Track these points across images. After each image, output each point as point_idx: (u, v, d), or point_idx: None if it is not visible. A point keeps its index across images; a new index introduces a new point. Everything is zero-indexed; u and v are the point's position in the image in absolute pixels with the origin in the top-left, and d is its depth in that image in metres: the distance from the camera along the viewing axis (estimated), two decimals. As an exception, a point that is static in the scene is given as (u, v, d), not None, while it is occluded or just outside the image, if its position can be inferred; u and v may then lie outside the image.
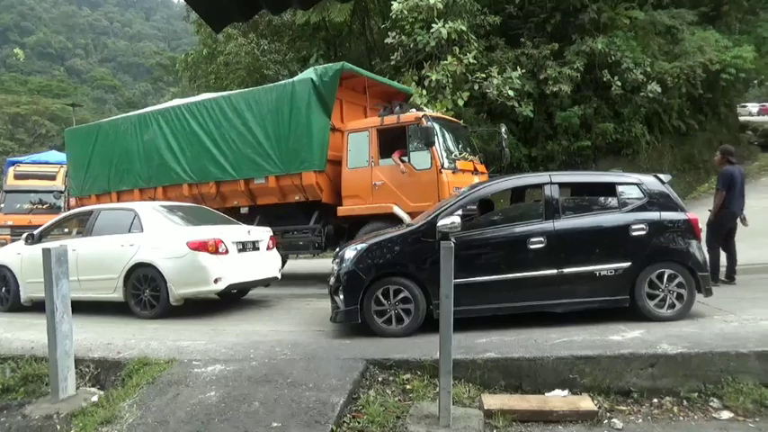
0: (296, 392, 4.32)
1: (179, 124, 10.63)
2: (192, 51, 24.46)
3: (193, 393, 4.45)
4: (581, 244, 5.67)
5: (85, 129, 12.76)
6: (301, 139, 9.21)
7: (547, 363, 4.61)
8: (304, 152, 9.19)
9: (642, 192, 5.83)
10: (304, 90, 9.21)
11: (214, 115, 10.22)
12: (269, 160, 9.55)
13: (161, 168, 10.78)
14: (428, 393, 4.50)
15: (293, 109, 9.30)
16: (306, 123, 9.17)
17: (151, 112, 11.31)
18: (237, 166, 9.91)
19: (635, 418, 4.21)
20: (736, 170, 7.49)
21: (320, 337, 5.97)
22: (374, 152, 9.03)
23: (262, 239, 8.06)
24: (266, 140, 9.58)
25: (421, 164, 8.58)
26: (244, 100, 9.98)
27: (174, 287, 7.17)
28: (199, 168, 10.35)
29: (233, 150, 9.95)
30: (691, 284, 5.53)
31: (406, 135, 8.81)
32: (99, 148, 11.71)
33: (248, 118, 9.80)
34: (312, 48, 20.14)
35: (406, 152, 8.82)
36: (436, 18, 14.95)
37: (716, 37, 17.89)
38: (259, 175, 9.72)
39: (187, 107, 10.70)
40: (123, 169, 11.31)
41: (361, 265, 5.80)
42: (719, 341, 4.64)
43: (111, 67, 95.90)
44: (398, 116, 9.00)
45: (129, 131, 11.31)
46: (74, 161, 12.38)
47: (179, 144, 10.60)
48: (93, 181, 11.77)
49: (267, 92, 9.88)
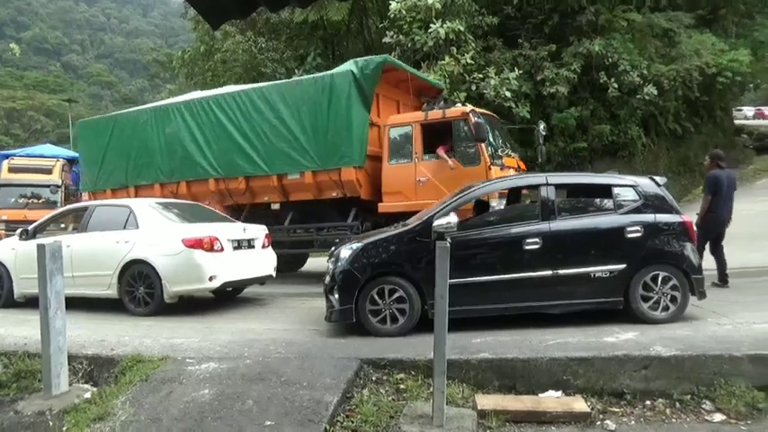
0: (290, 391, 4.31)
1: (205, 117, 10.29)
2: (189, 48, 24.41)
3: (187, 391, 4.43)
4: (576, 245, 5.68)
5: (100, 121, 12.35)
6: (340, 134, 8.98)
7: (541, 364, 4.61)
8: (343, 147, 8.95)
9: (638, 194, 5.85)
10: (344, 83, 8.97)
11: (244, 108, 9.89)
12: (305, 155, 9.28)
13: (185, 162, 10.43)
14: (422, 393, 4.49)
15: (332, 102, 9.05)
16: (345, 117, 8.94)
17: (174, 104, 10.95)
18: (270, 160, 9.61)
19: (628, 419, 4.22)
20: (724, 174, 7.49)
21: (315, 335, 5.97)
22: (418, 147, 8.88)
23: (257, 237, 8.05)
24: (302, 134, 9.31)
25: (468, 160, 8.47)
26: (277, 92, 9.70)
27: (168, 284, 7.15)
28: (227, 163, 10.01)
29: (265, 144, 9.65)
30: (685, 287, 5.54)
31: (451, 130, 8.70)
32: (115, 141, 11.32)
33: (282, 110, 9.50)
34: (310, 46, 20.13)
35: (449, 148, 8.70)
36: (434, 18, 14.97)
37: (712, 40, 17.98)
38: (293, 170, 9.43)
39: (214, 99, 10.36)
40: (142, 163, 10.93)
41: (357, 265, 5.79)
42: (713, 344, 4.65)
43: (108, 63, 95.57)
44: (444, 111, 8.85)
45: (148, 124, 10.93)
46: (87, 154, 11.99)
47: (205, 137, 10.25)
48: (109, 175, 11.39)
49: (303, 84, 9.65)
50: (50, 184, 15.90)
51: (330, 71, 9.81)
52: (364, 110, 9.03)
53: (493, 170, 8.29)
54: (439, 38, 14.78)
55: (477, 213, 6.78)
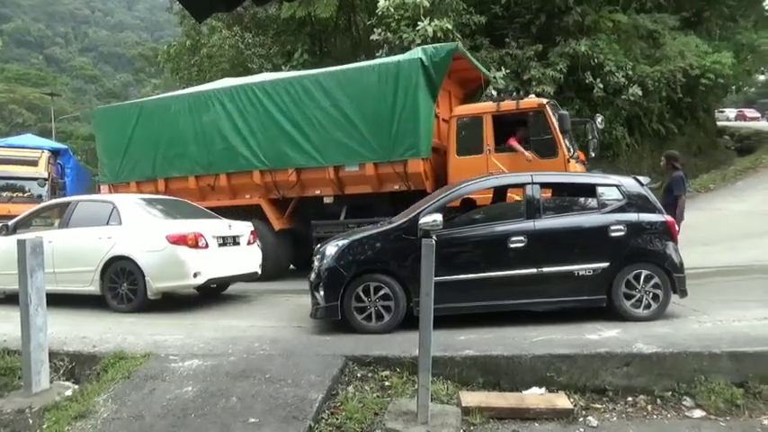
0: (274, 388, 4.31)
1: (249, 104, 9.76)
2: (175, 43, 24.16)
3: (170, 388, 4.41)
4: (561, 244, 5.73)
5: (122, 108, 11.56)
6: (407, 124, 8.64)
7: (525, 361, 4.64)
8: (410, 138, 8.64)
9: (621, 193, 5.90)
10: (412, 70, 8.61)
11: (295, 95, 9.41)
12: (366, 146, 8.91)
13: (225, 153, 9.91)
14: (407, 390, 4.51)
15: (398, 90, 8.67)
16: (412, 107, 8.58)
17: (212, 91, 10.40)
18: (325, 151, 9.20)
19: (609, 416, 4.27)
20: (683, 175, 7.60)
21: (300, 333, 5.96)
22: (490, 139, 8.67)
23: (242, 234, 8.01)
24: (363, 124, 8.92)
25: (544, 152, 8.31)
26: (334, 79, 9.26)
27: (151, 281, 7.09)
28: (275, 153, 9.55)
29: (319, 134, 9.22)
30: (666, 285, 5.61)
31: (526, 122, 8.59)
32: (141, 129, 10.66)
33: (340, 98, 9.08)
34: (297, 42, 20.01)
35: (521, 139, 8.58)
36: (422, 16, 14.96)
37: (696, 42, 18.21)
38: (352, 162, 9.07)
39: (259, 86, 9.87)
40: (174, 154, 10.34)
41: (342, 262, 5.79)
42: (693, 341, 4.71)
43: (92, 56, 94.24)
44: (517, 102, 8.69)
45: (182, 112, 10.32)
46: (106, 144, 11.23)
47: (249, 126, 9.74)
48: (134, 166, 10.75)
49: (365, 71, 9.20)
50: (37, 177, 15.07)
51: (395, 58, 9.46)
52: (431, 99, 8.76)
53: (572, 163, 8.24)
54: (427, 36, 14.76)
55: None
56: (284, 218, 9.99)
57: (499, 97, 9.02)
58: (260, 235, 9.41)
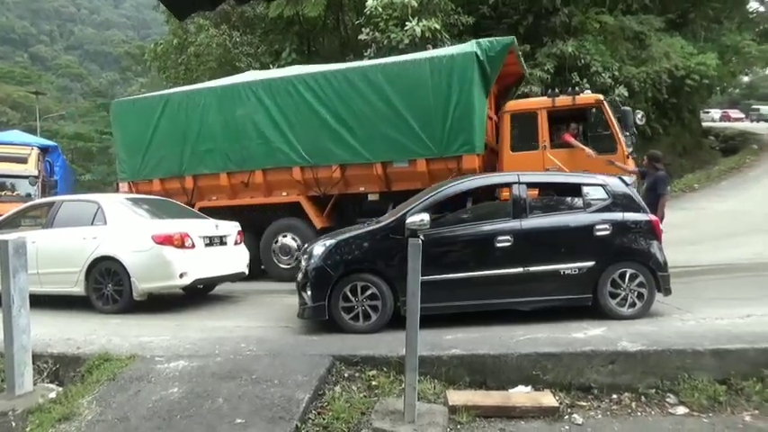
0: (261, 389, 4.29)
1: (288, 98, 9.36)
2: (162, 41, 23.96)
3: (155, 389, 4.38)
4: (547, 243, 5.78)
5: (143, 101, 10.96)
6: (462, 120, 8.41)
7: (511, 359, 4.67)
8: (465, 133, 8.41)
9: (607, 193, 5.95)
10: (467, 65, 8.39)
11: (340, 88, 9.07)
12: (418, 141, 8.63)
13: (261, 148, 9.50)
14: (394, 389, 4.52)
15: (452, 85, 8.42)
16: (467, 102, 8.36)
17: (247, 83, 9.93)
18: (372, 147, 8.88)
19: (594, 413, 4.30)
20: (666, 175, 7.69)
21: (287, 333, 5.94)
22: (545, 135, 8.60)
23: (229, 234, 7.98)
24: (415, 119, 8.62)
25: (601, 148, 8.30)
26: (383, 72, 8.91)
27: (137, 282, 7.03)
28: (317, 149, 9.17)
29: (366, 129, 8.90)
30: (651, 284, 5.68)
31: (584, 117, 8.55)
32: (166, 123, 10.13)
33: (390, 93, 8.76)
34: (285, 42, 19.96)
35: (574, 135, 8.54)
36: (410, 16, 14.97)
37: (682, 43, 18.39)
38: (401, 158, 8.79)
39: (300, 78, 9.44)
40: (204, 150, 9.86)
41: (330, 262, 5.78)
42: (677, 339, 4.77)
43: (78, 54, 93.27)
44: (574, 97, 8.65)
45: (212, 105, 9.87)
46: (125, 139, 10.63)
47: (288, 121, 9.35)
48: (158, 162, 10.22)
49: (416, 64, 8.84)
50: (27, 175, 14.37)
51: (448, 51, 9.18)
52: (484, 94, 8.64)
53: (630, 159, 8.24)
54: (415, 36, 14.77)
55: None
56: (324, 216, 9.57)
57: (554, 92, 8.93)
58: (300, 234, 9.34)
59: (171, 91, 11.27)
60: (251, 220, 9.66)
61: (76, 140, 41.11)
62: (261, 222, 9.79)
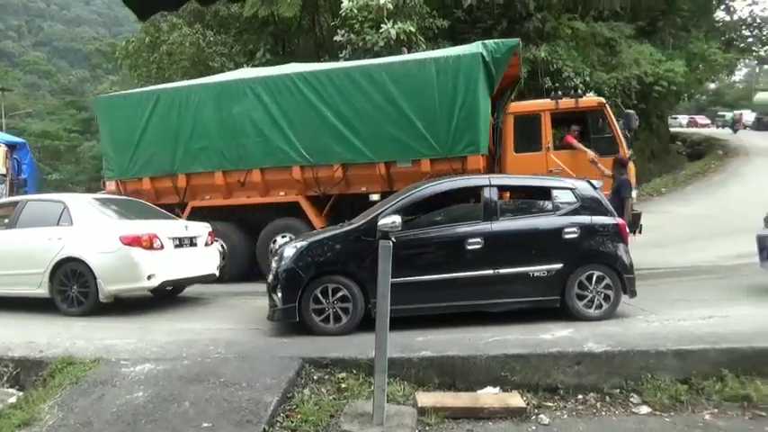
0: (228, 392, 4.25)
1: (288, 95, 9.17)
2: (134, 39, 23.56)
3: (120, 393, 4.30)
4: (517, 245, 5.83)
5: (132, 97, 10.52)
6: (467, 120, 8.41)
7: (480, 361, 4.72)
8: (470, 134, 8.42)
9: (575, 196, 6.04)
10: (473, 65, 8.40)
11: (343, 87, 8.94)
12: (422, 141, 8.58)
13: (260, 147, 9.29)
14: (363, 392, 4.52)
15: (458, 85, 8.42)
16: (473, 102, 8.37)
17: (245, 80, 9.69)
18: (376, 146, 8.78)
19: (561, 413, 4.37)
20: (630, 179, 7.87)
21: (257, 335, 5.89)
22: (548, 137, 8.67)
23: (200, 235, 7.87)
24: (420, 119, 8.58)
25: (603, 150, 8.40)
26: (387, 72, 8.85)
27: (104, 283, 6.89)
28: (319, 148, 9.02)
29: (370, 128, 8.80)
30: (617, 286, 5.78)
31: (586, 120, 8.62)
32: (157, 120, 9.78)
33: (394, 92, 8.70)
34: (260, 42, 19.81)
35: (576, 137, 8.63)
36: (386, 18, 15.00)
37: (651, 51, 18.84)
38: (404, 158, 8.74)
39: (300, 76, 9.24)
40: (199, 147, 9.57)
41: (301, 263, 5.75)
42: (641, 340, 4.87)
43: (46, 51, 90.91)
44: (576, 100, 8.77)
45: (208, 102, 9.59)
46: (113, 136, 10.23)
47: (288, 119, 9.15)
48: (148, 160, 9.86)
49: (421, 64, 8.81)
50: None
51: (453, 52, 9.19)
52: (488, 95, 8.65)
53: (631, 162, 8.37)
54: (390, 38, 14.81)
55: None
56: (323, 216, 9.40)
57: (557, 95, 9.04)
58: (300, 234, 9.16)
59: (162, 87, 10.98)
60: (246, 220, 9.51)
61: (44, 138, 40.10)
62: (257, 223, 9.62)
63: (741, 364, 4.53)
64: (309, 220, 9.19)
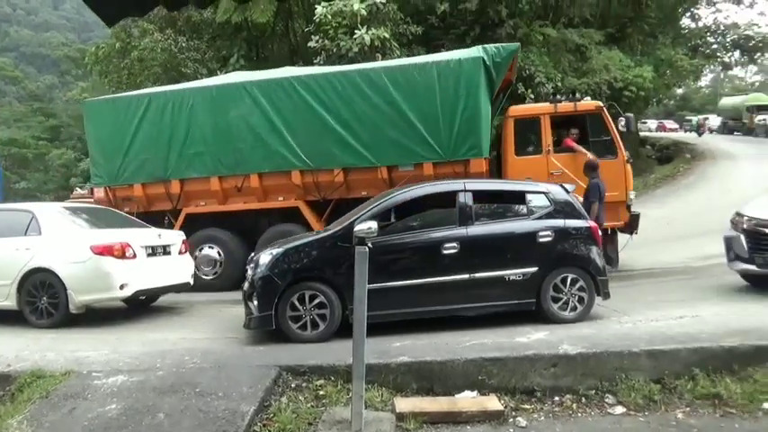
0: (204, 402, 4.18)
1: (287, 99, 9.06)
2: (104, 45, 23.18)
3: (92, 407, 4.20)
4: (492, 249, 5.89)
5: (122, 100, 10.16)
6: (470, 123, 8.48)
7: (457, 365, 4.73)
8: (473, 137, 8.50)
9: (549, 200, 6.13)
10: (475, 69, 8.50)
11: (343, 90, 8.88)
12: (424, 145, 8.61)
13: (258, 152, 9.13)
14: (341, 399, 4.49)
15: (460, 89, 8.50)
16: (475, 106, 8.46)
17: (241, 84, 9.48)
18: (378, 150, 8.76)
19: (538, 416, 4.41)
20: (601, 183, 8.06)
21: (233, 344, 5.83)
22: (548, 140, 8.75)
23: (173, 243, 7.75)
24: (422, 123, 8.59)
25: (602, 153, 8.55)
26: (388, 75, 8.83)
27: (74, 294, 6.72)
28: (319, 152, 8.92)
29: (371, 132, 8.77)
30: (591, 288, 5.88)
31: (585, 123, 8.76)
32: (149, 125, 9.51)
33: (395, 96, 8.69)
34: (233, 47, 19.66)
35: (575, 140, 8.77)
36: (360, 24, 15.03)
37: (620, 57, 19.25)
38: (406, 162, 8.74)
39: (299, 80, 9.15)
40: (193, 152, 9.33)
41: (277, 270, 5.71)
42: (615, 341, 4.95)
43: (13, 56, 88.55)
44: (575, 104, 8.90)
45: (202, 106, 9.37)
46: (100, 141, 9.89)
47: (287, 123, 9.02)
48: (139, 166, 9.55)
49: (422, 68, 8.80)
50: None
51: (454, 55, 9.20)
52: (489, 99, 8.75)
53: (628, 164, 8.62)
54: (364, 44, 14.85)
55: None
56: (322, 221, 9.16)
57: (556, 99, 9.19)
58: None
59: (153, 90, 10.72)
60: (243, 227, 9.33)
61: (11, 146, 39.16)
62: (254, 229, 9.42)
63: (711, 362, 4.63)
64: (309, 226, 9.07)
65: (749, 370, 4.58)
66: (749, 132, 33.22)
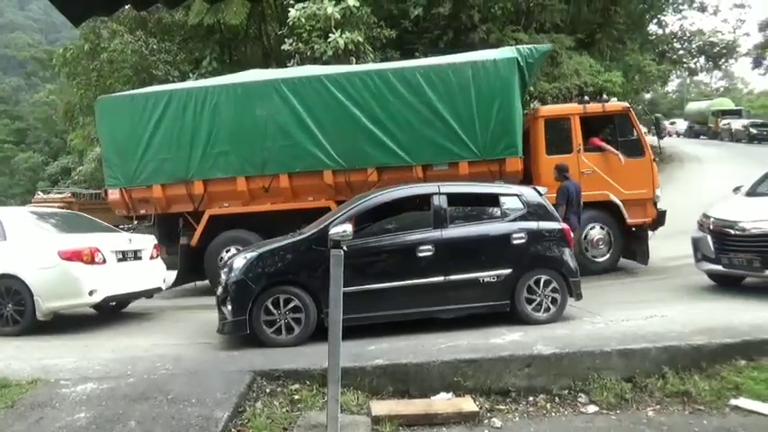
0: (177, 409, 4.11)
1: (317, 97, 8.90)
2: (72, 46, 22.67)
3: (60, 416, 4.09)
4: (467, 252, 5.92)
5: (139, 97, 9.65)
6: (505, 123, 8.60)
7: (433, 367, 4.75)
8: (508, 137, 8.62)
9: (522, 203, 6.20)
10: (509, 70, 8.62)
11: (376, 89, 8.80)
12: (460, 144, 8.67)
13: (287, 151, 8.91)
14: (317, 403, 4.47)
15: (495, 89, 8.61)
16: (509, 106, 8.59)
17: (270, 81, 9.22)
18: (413, 149, 8.75)
19: (512, 416, 4.45)
20: (572, 185, 8.24)
21: (206, 349, 5.74)
22: (579, 140, 8.94)
23: (144, 248, 7.62)
24: (457, 122, 8.64)
25: (630, 153, 8.84)
26: (422, 75, 8.80)
27: (42, 300, 6.56)
28: (352, 152, 8.81)
29: (406, 132, 8.75)
30: (564, 289, 5.95)
31: (613, 123, 8.98)
32: (169, 123, 9.15)
33: (431, 96, 8.71)
34: (205, 50, 19.44)
35: (603, 140, 9.01)
36: (333, 28, 15.02)
37: (590, 62, 19.59)
38: (441, 161, 8.78)
39: (331, 77, 8.99)
40: (218, 152, 9.04)
41: (251, 275, 5.65)
42: (587, 341, 5.02)
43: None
44: (603, 104, 9.17)
45: (226, 104, 9.09)
46: (116, 140, 9.43)
47: (318, 121, 8.87)
48: (158, 166, 9.18)
49: (456, 69, 8.81)
50: None
51: (488, 55, 9.18)
52: (521, 99, 8.89)
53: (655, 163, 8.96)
54: (338, 47, 14.84)
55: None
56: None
57: (584, 99, 9.41)
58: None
59: (173, 87, 10.33)
60: (268, 228, 9.04)
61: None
62: (280, 230, 9.23)
63: (680, 360, 4.73)
64: None
65: (716, 367, 4.69)
66: (715, 136, 34.13)
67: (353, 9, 15.07)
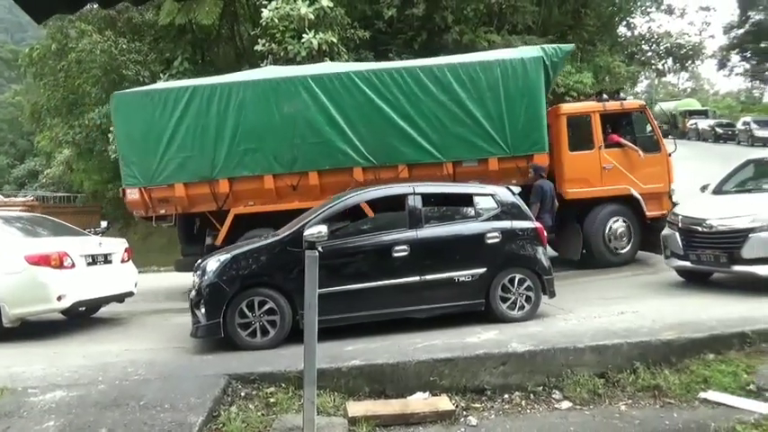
0: (149, 415, 4.04)
1: (347, 94, 8.77)
2: (39, 46, 22.13)
3: (28, 425, 3.98)
4: (442, 251, 5.96)
5: (159, 93, 9.19)
6: (533, 120, 8.78)
7: (409, 367, 4.75)
8: (536, 133, 8.80)
9: (496, 202, 6.27)
10: (536, 69, 8.82)
11: (406, 87, 8.78)
12: (490, 141, 8.77)
13: (317, 148, 8.75)
14: (293, 405, 4.43)
15: (523, 87, 8.78)
16: (536, 103, 8.80)
17: (298, 78, 8.98)
18: (443, 146, 8.77)
19: (488, 414, 4.48)
20: (546, 184, 8.43)
21: (180, 354, 5.67)
22: (599, 136, 9.26)
23: (115, 252, 7.48)
24: (487, 120, 8.75)
25: (647, 149, 9.26)
26: (452, 73, 8.83)
27: (7, 307, 6.39)
28: (383, 149, 8.76)
29: (437, 129, 8.77)
30: (537, 287, 6.04)
31: (630, 120, 9.24)
32: (191, 119, 8.79)
33: (461, 94, 8.75)
34: (177, 50, 19.14)
35: (620, 136, 9.30)
36: (307, 28, 14.95)
37: (561, 63, 19.88)
38: (471, 157, 8.85)
39: (360, 74, 8.88)
40: (244, 149, 8.76)
41: (225, 277, 5.60)
42: (560, 338, 5.09)
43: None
44: (621, 102, 9.58)
45: (253, 100, 8.82)
46: (133, 138, 8.99)
47: (348, 118, 8.74)
48: (181, 164, 8.79)
49: (484, 67, 8.90)
50: None
51: (514, 54, 9.28)
52: (545, 96, 9.10)
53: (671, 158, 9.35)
54: (312, 48, 14.77)
55: None
56: None
57: (602, 98, 9.67)
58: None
59: (196, 82, 9.86)
60: None
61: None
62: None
63: (651, 355, 4.84)
64: None
65: (686, 361, 4.81)
66: (682, 136, 34.99)
67: (327, 10, 15.02)
